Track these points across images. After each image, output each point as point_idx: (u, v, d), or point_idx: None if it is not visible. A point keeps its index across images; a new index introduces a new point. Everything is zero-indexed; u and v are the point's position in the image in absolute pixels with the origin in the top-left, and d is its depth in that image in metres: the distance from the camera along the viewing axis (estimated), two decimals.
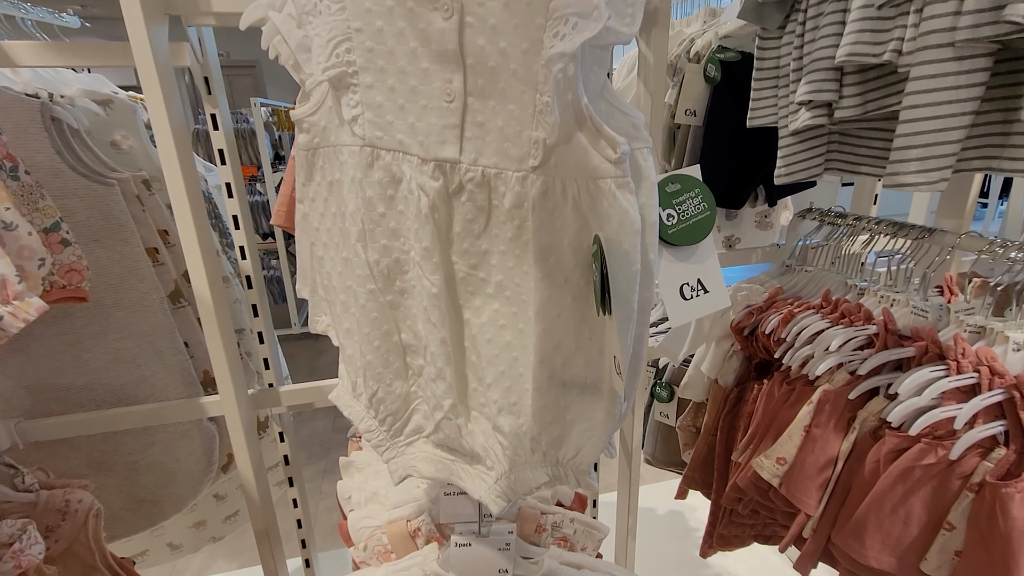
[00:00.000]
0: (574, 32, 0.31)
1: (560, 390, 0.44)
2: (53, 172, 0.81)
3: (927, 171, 0.64)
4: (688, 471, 1.09)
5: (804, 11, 0.79)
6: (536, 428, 0.44)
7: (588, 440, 0.46)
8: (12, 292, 0.49)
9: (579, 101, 0.34)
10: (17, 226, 0.56)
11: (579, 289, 0.40)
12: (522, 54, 0.35)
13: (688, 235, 0.42)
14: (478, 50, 0.37)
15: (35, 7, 1.00)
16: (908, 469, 0.66)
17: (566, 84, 0.34)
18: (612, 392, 0.43)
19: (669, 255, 0.43)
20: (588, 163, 0.35)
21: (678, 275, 0.43)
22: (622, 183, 0.34)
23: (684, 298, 0.44)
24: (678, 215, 0.42)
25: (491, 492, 0.47)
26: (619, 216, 0.35)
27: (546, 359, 0.41)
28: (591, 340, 0.42)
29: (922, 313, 0.75)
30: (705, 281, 0.45)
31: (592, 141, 0.34)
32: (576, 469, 0.48)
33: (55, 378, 0.87)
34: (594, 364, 0.43)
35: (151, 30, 0.64)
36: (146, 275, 0.89)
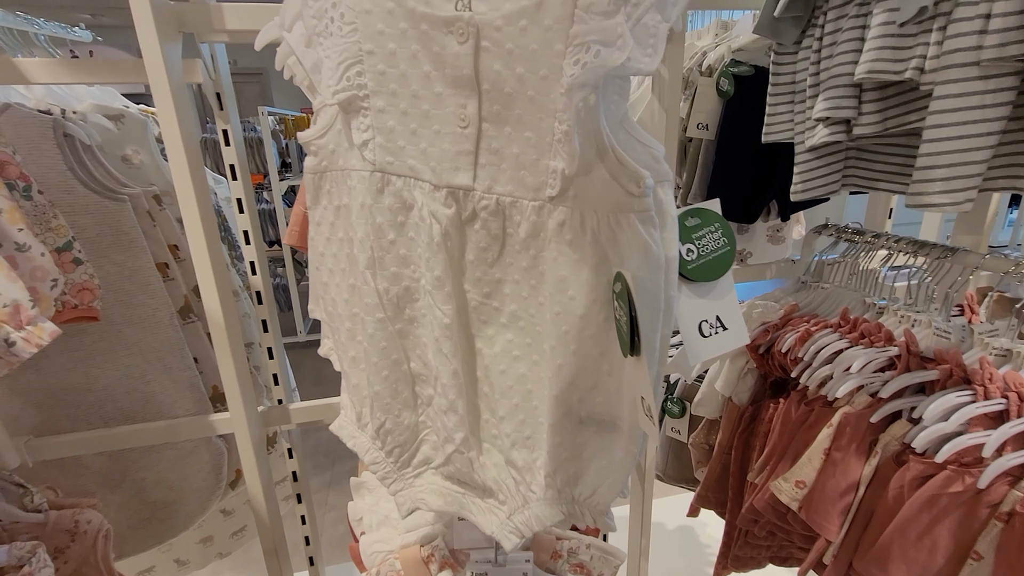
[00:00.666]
0: (597, 60, 0.30)
1: (577, 427, 0.42)
2: (65, 188, 0.81)
3: (952, 191, 0.62)
4: (702, 490, 1.07)
5: (821, 27, 0.77)
6: (551, 464, 0.43)
7: (606, 479, 0.45)
8: (26, 317, 0.49)
9: (600, 131, 0.33)
10: (30, 247, 0.56)
11: (597, 325, 0.38)
12: (540, 80, 0.34)
13: (708, 271, 0.41)
14: (494, 75, 0.36)
15: (48, 22, 1.00)
16: (934, 497, 0.64)
17: (587, 114, 0.33)
18: (632, 431, 0.42)
19: (687, 291, 0.41)
20: (610, 196, 0.34)
21: (697, 312, 0.42)
22: (645, 218, 0.33)
23: (703, 335, 0.43)
24: (697, 250, 0.41)
25: (504, 528, 0.45)
26: (642, 252, 0.33)
27: (563, 395, 0.40)
28: (610, 377, 0.40)
29: (945, 335, 0.73)
30: (724, 318, 0.43)
31: (615, 174, 0.33)
32: (593, 508, 0.46)
33: (65, 395, 0.87)
34: (613, 401, 0.41)
35: (165, 48, 0.64)
36: (156, 291, 0.89)
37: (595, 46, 0.30)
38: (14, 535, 0.73)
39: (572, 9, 0.31)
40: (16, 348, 0.49)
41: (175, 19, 0.67)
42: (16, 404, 0.85)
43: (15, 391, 0.84)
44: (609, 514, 0.45)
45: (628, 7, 0.29)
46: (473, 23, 0.35)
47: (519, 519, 0.45)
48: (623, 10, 0.29)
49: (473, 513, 0.48)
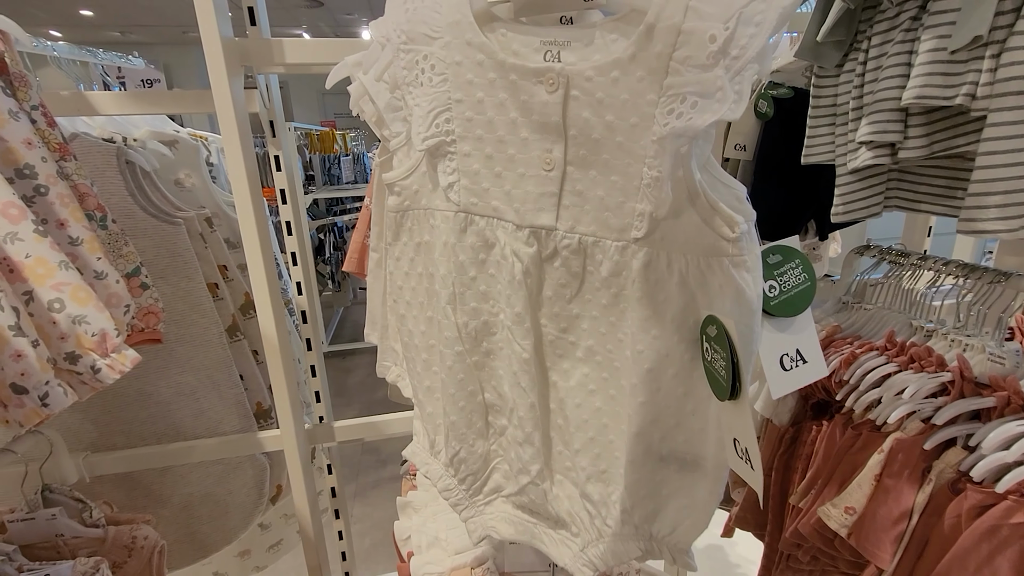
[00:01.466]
0: (694, 112, 0.31)
1: (657, 464, 0.43)
2: (127, 213, 0.84)
3: (1007, 218, 0.62)
4: (740, 511, 1.06)
5: (865, 51, 0.78)
6: (629, 500, 0.43)
7: (687, 518, 0.44)
8: (111, 345, 0.51)
9: (692, 177, 0.34)
10: (107, 275, 0.58)
11: (681, 364, 0.39)
12: (630, 128, 0.35)
13: (789, 307, 0.41)
14: (582, 122, 0.37)
15: (107, 52, 1.05)
16: (994, 527, 0.63)
17: (679, 161, 0.33)
18: (717, 471, 0.42)
19: (769, 326, 0.42)
20: (701, 240, 0.35)
21: (778, 346, 0.43)
22: (738, 261, 0.34)
23: (784, 369, 0.44)
24: (779, 286, 0.41)
25: (577, 560, 0.46)
26: (734, 295, 0.34)
27: (643, 432, 0.40)
28: (694, 416, 0.41)
29: (999, 360, 0.72)
30: (804, 351, 0.44)
31: (707, 218, 0.34)
32: (672, 546, 0.46)
33: (120, 411, 0.90)
34: (696, 440, 0.41)
35: (232, 82, 0.67)
36: (207, 310, 0.92)
37: (692, 97, 0.31)
38: (75, 550, 0.75)
39: (667, 62, 0.32)
40: (101, 375, 0.51)
41: (240, 54, 0.70)
42: (75, 420, 0.88)
43: (75, 408, 0.87)
44: (690, 553, 0.45)
45: (728, 60, 0.30)
46: (564, 74, 0.36)
47: (593, 552, 0.45)
48: (722, 63, 0.30)
49: (545, 544, 0.48)
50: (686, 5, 0.31)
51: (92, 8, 5.46)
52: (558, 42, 0.37)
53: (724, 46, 0.29)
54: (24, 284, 0.47)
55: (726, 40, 0.29)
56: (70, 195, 0.57)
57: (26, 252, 0.47)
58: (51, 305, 0.48)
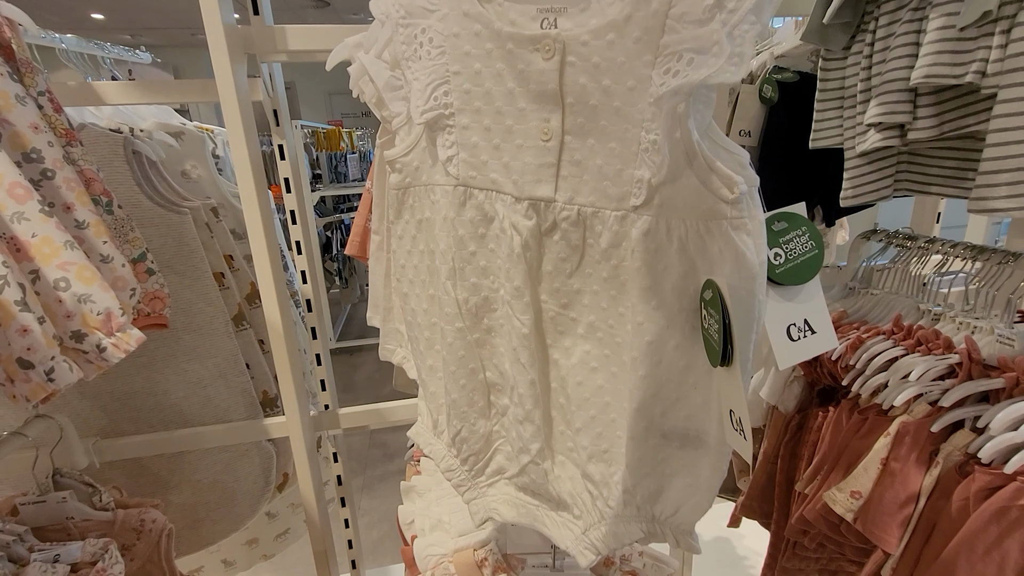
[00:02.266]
0: (690, 68, 0.31)
1: (659, 441, 0.42)
2: (133, 202, 0.85)
3: (1018, 196, 0.61)
4: (746, 499, 1.05)
5: (872, 32, 0.77)
6: (631, 480, 0.42)
7: (690, 498, 0.44)
8: (116, 324, 0.52)
9: (690, 137, 0.33)
10: (113, 258, 0.59)
11: (683, 335, 0.38)
12: (627, 91, 0.35)
13: (795, 275, 0.41)
14: (579, 89, 0.37)
15: (114, 46, 1.06)
16: (1003, 509, 0.62)
17: (676, 121, 0.33)
18: (720, 448, 0.41)
19: (775, 295, 0.41)
20: (700, 203, 0.34)
21: (785, 316, 0.42)
22: (738, 224, 0.33)
23: (792, 339, 0.43)
24: (785, 254, 0.41)
25: (579, 543, 0.45)
26: (735, 259, 0.34)
27: (644, 407, 0.40)
28: (695, 390, 0.40)
29: (1008, 342, 0.71)
30: (812, 322, 0.43)
31: (705, 180, 0.33)
32: (675, 528, 0.45)
33: (129, 398, 0.91)
34: (698, 416, 0.41)
35: (235, 70, 0.68)
36: (213, 299, 0.93)
37: (688, 54, 0.31)
38: (85, 532, 0.76)
39: (663, 20, 0.31)
40: (107, 353, 0.52)
41: (243, 41, 0.71)
42: (85, 407, 0.89)
43: (84, 395, 0.89)
44: (694, 535, 0.44)
45: (724, 13, 0.29)
46: (560, 40, 0.36)
47: (595, 535, 0.45)
48: (719, 16, 0.29)
49: (547, 526, 0.48)
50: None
51: (103, 11, 5.52)
52: (555, 8, 0.37)
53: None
54: (30, 263, 0.48)
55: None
56: (76, 179, 0.58)
57: (32, 232, 0.48)
58: (57, 284, 0.49)
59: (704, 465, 0.42)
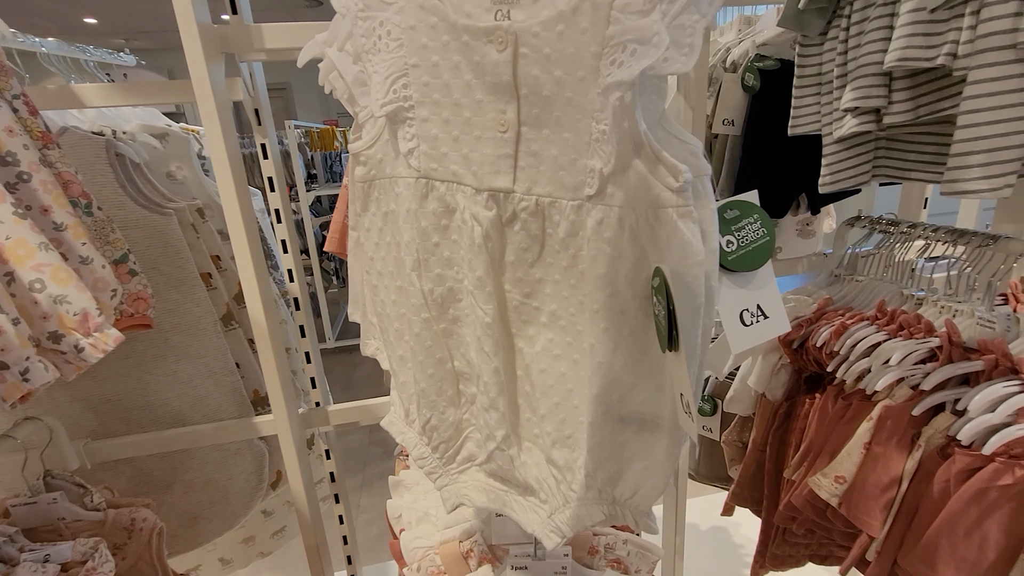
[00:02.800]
0: (633, 59, 0.31)
1: (617, 426, 0.43)
2: (117, 205, 0.86)
3: (990, 177, 0.61)
4: (736, 488, 1.06)
5: (847, 17, 0.77)
6: (592, 464, 0.43)
7: (647, 480, 0.45)
8: (93, 324, 0.52)
9: (637, 127, 0.34)
10: (92, 260, 0.60)
11: (637, 322, 0.39)
12: (577, 82, 0.35)
13: (747, 261, 0.41)
14: (532, 80, 0.37)
15: (96, 49, 1.06)
16: (982, 490, 0.63)
17: (623, 112, 0.33)
18: (674, 431, 0.42)
19: (728, 281, 0.42)
20: (647, 192, 0.35)
21: (738, 301, 0.43)
22: (684, 212, 0.34)
23: (744, 324, 0.44)
24: (737, 241, 0.41)
25: (545, 527, 0.46)
26: (681, 247, 0.34)
27: (602, 393, 0.41)
28: (650, 375, 0.41)
29: (989, 324, 0.71)
30: (765, 307, 0.44)
31: (651, 169, 0.34)
32: (634, 509, 0.47)
33: (119, 400, 0.92)
34: (654, 400, 0.42)
35: (211, 69, 0.68)
36: (201, 299, 0.93)
37: (631, 45, 0.31)
38: (76, 533, 0.77)
39: (608, 11, 0.32)
40: (85, 353, 0.53)
41: (219, 40, 0.71)
42: (75, 409, 0.90)
43: (75, 397, 0.89)
44: (651, 515, 0.45)
45: (664, 4, 0.30)
46: (512, 31, 0.36)
47: (560, 518, 0.46)
48: (659, 7, 0.30)
49: (515, 511, 0.49)
50: None
51: (96, 16, 5.53)
52: (508, 0, 0.37)
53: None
54: (5, 265, 0.48)
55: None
56: (53, 182, 0.58)
57: (6, 234, 0.48)
58: (32, 285, 0.49)
59: (659, 448, 0.43)
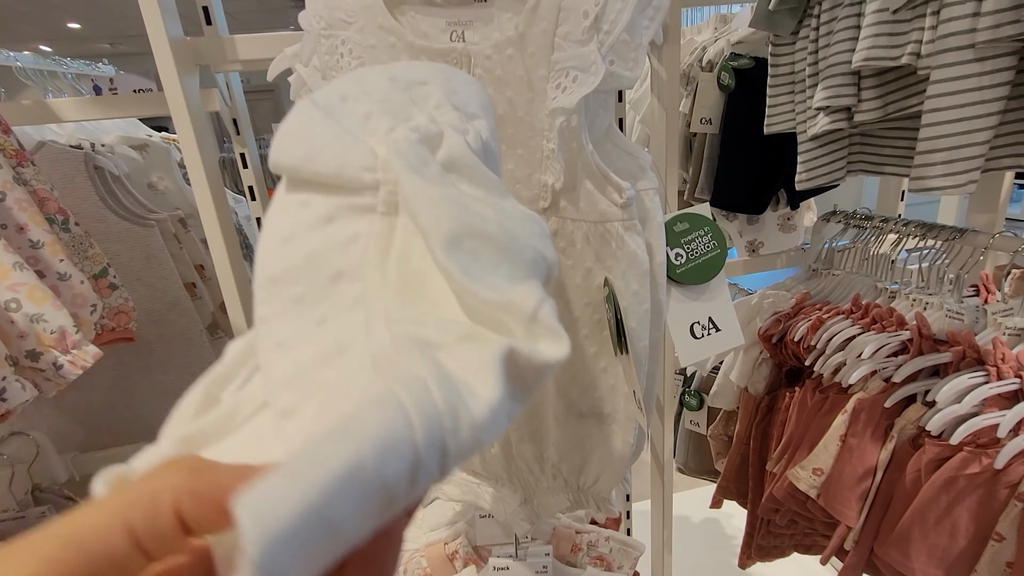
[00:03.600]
0: (574, 85, 0.33)
1: (578, 420, 0.45)
2: (98, 218, 0.86)
3: (953, 174, 0.62)
4: (722, 481, 1.08)
5: (817, 16, 0.78)
6: (557, 456, 0.45)
7: (607, 468, 0.47)
8: (71, 342, 0.53)
9: (583, 149, 0.35)
10: (71, 276, 0.60)
11: (591, 326, 0.41)
12: (527, 103, 0.36)
13: (697, 274, 0.42)
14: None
15: (74, 61, 1.06)
16: (951, 479, 0.64)
17: (570, 134, 0.35)
18: (628, 423, 0.44)
19: (678, 294, 0.43)
20: (596, 207, 0.36)
21: (688, 314, 0.44)
22: (629, 226, 0.35)
23: (695, 337, 0.45)
24: (687, 254, 0.42)
25: (515, 515, 0.48)
26: (628, 258, 0.35)
27: (563, 390, 0.42)
28: (605, 373, 0.43)
29: (957, 316, 0.73)
30: (717, 319, 0.45)
31: (599, 187, 0.35)
32: (596, 495, 0.49)
33: (107, 411, 0.92)
34: (609, 397, 0.44)
35: (184, 81, 0.68)
36: (186, 309, 0.94)
37: (573, 71, 0.33)
38: None
39: (552, 38, 0.33)
40: (64, 370, 0.53)
41: (192, 53, 0.71)
42: (63, 422, 0.90)
43: (62, 410, 0.90)
44: (612, 499, 0.48)
45: (600, 35, 0.32)
46: (466, 53, 0.37)
47: (528, 508, 0.48)
48: (596, 38, 0.31)
49: (487, 501, 0.51)
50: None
51: (79, 21, 5.46)
52: (462, 22, 0.38)
53: (596, 21, 0.31)
54: None
55: (597, 15, 0.31)
56: (28, 200, 0.59)
57: None
58: (7, 305, 0.50)
59: (617, 439, 0.45)
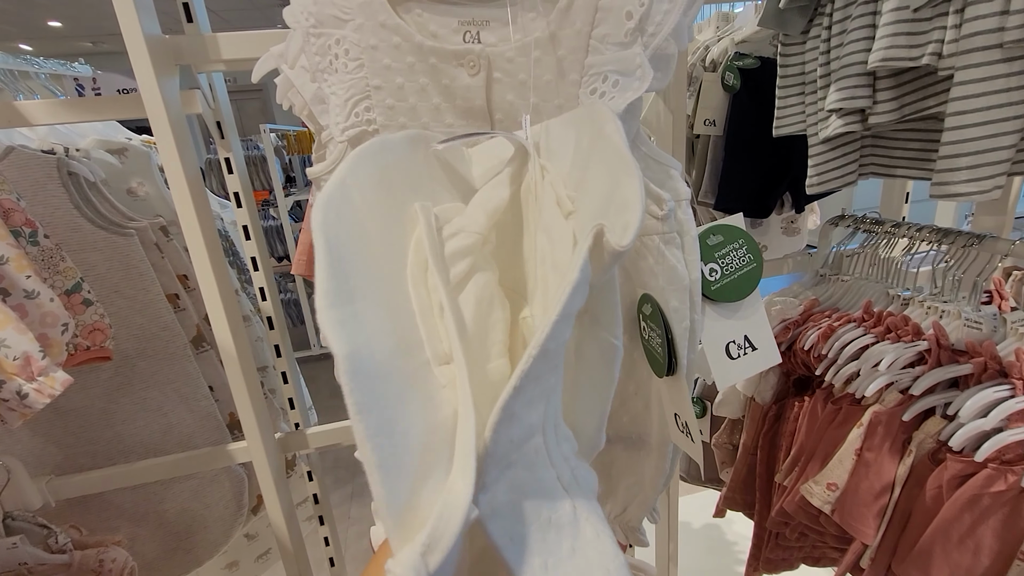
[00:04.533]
0: (616, 91, 0.30)
1: (606, 445, 0.42)
2: (72, 227, 0.81)
3: (979, 179, 0.60)
4: (728, 491, 1.05)
5: (829, 15, 0.75)
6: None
7: (636, 495, 0.44)
8: (37, 368, 0.48)
9: None
10: (39, 293, 0.55)
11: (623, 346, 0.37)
12: (555, 109, 0.33)
13: (733, 291, 0.39)
14: (507, 105, 0.35)
15: (47, 60, 1.00)
16: (975, 497, 0.62)
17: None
18: (661, 448, 0.41)
19: (712, 312, 0.39)
20: None
21: (723, 333, 0.40)
22: (668, 239, 0.32)
23: (731, 357, 0.41)
24: (721, 269, 0.39)
25: None
26: (666, 273, 0.32)
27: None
28: (636, 396, 0.40)
29: (975, 325, 0.70)
30: (753, 338, 0.41)
31: None
32: (624, 525, 0.46)
33: (84, 432, 0.87)
34: (640, 420, 0.41)
35: (162, 82, 0.64)
36: (168, 323, 0.89)
37: (613, 75, 0.30)
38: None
39: (587, 40, 0.30)
40: (29, 400, 0.49)
41: (172, 52, 0.67)
42: (37, 444, 0.85)
43: (36, 431, 0.84)
44: (642, 530, 0.45)
45: (645, 37, 0.29)
46: (484, 55, 0.34)
47: None
48: (640, 40, 0.29)
49: None
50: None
51: (60, 19, 5.32)
52: (477, 21, 0.35)
53: (640, 23, 0.28)
54: None
55: (642, 17, 0.28)
56: None
57: None
58: None
59: (648, 465, 0.42)
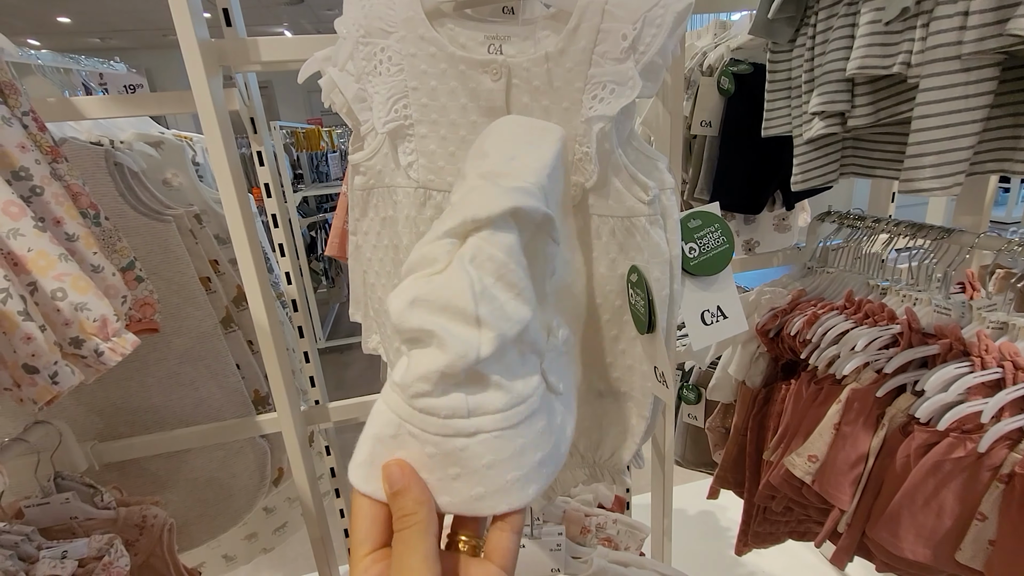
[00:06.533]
0: (612, 97, 0.37)
1: (597, 399, 0.49)
2: (118, 213, 0.88)
3: (941, 177, 0.67)
4: (720, 471, 1.12)
5: (813, 26, 0.82)
6: (576, 434, 0.49)
7: (622, 442, 0.51)
8: (112, 330, 0.55)
9: (614, 152, 0.40)
10: (103, 268, 0.62)
11: (613, 311, 0.45)
12: (563, 111, 0.41)
13: (708, 266, 0.46)
14: (522, 106, 0.42)
15: (88, 59, 1.08)
16: (938, 463, 0.69)
17: (603, 138, 0.39)
18: (643, 399, 0.48)
19: (691, 284, 0.47)
20: (623, 204, 0.40)
21: (699, 303, 0.48)
22: (653, 220, 0.40)
23: (705, 323, 0.49)
24: (699, 248, 0.46)
25: None
26: (651, 248, 0.40)
27: (584, 370, 0.46)
28: (624, 355, 0.47)
29: (945, 311, 0.77)
30: (724, 308, 0.49)
31: (627, 185, 0.40)
32: (612, 468, 0.53)
33: (123, 402, 0.94)
34: (626, 377, 0.48)
35: (211, 82, 0.71)
36: (201, 303, 0.96)
37: (610, 85, 0.38)
38: (89, 531, 0.80)
39: (590, 55, 0.38)
40: (105, 357, 0.56)
41: (217, 54, 0.74)
42: (81, 413, 0.92)
43: (80, 401, 0.92)
44: (626, 473, 0.52)
45: (636, 54, 0.37)
46: (505, 64, 0.41)
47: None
48: (632, 57, 0.36)
49: None
50: (603, 8, 0.37)
51: (69, 15, 5.42)
52: (499, 37, 0.42)
53: (633, 43, 0.36)
54: (28, 276, 0.51)
55: (635, 38, 0.36)
56: (64, 194, 0.61)
57: (28, 246, 0.51)
58: (54, 294, 0.52)
59: (633, 415, 0.49)
